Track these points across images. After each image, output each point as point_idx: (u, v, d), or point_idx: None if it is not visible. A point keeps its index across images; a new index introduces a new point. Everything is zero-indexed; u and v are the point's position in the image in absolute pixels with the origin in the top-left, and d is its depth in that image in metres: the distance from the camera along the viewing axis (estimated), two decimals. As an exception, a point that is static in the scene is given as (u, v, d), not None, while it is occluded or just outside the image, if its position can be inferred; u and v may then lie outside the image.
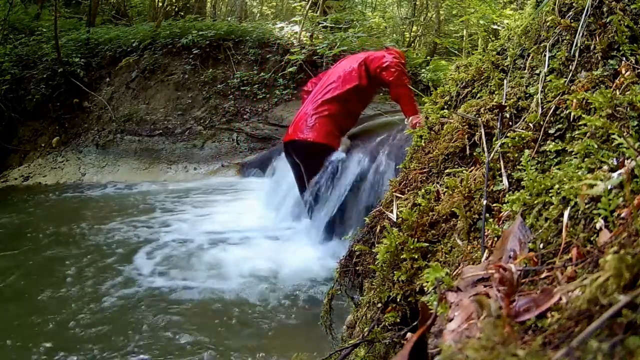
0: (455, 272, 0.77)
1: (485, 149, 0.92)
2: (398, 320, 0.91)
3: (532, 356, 0.37)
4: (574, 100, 0.82)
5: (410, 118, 2.89)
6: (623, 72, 0.82)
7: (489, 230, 0.77)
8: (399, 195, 1.10)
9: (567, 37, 0.95)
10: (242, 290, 2.63)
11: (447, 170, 1.03)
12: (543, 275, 0.55)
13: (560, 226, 0.62)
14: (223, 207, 4.21)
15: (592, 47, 0.90)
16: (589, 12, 0.92)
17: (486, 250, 0.75)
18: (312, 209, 3.18)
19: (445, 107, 1.24)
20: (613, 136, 0.67)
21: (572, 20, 0.96)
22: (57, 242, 3.46)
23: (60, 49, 5.99)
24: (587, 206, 0.59)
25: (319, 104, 3.16)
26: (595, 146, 0.69)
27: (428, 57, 6.53)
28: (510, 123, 0.96)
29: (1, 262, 3.12)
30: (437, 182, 1.02)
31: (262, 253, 3.11)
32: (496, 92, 1.06)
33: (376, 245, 1.02)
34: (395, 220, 1.01)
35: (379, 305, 0.97)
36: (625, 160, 0.63)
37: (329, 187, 3.07)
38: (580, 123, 0.78)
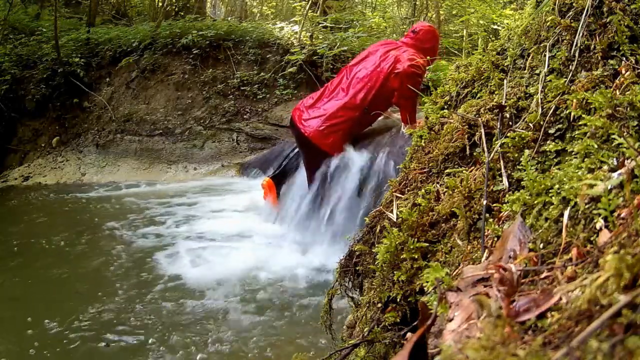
0: (455, 272, 0.77)
1: (485, 149, 0.92)
2: (398, 320, 0.91)
3: (532, 356, 0.37)
4: (574, 100, 0.82)
5: (407, 127, 2.88)
6: (623, 72, 0.82)
7: (489, 230, 0.77)
8: (399, 195, 1.10)
9: (567, 37, 0.95)
10: (241, 292, 2.63)
11: (447, 170, 1.02)
12: (543, 275, 0.55)
13: (560, 226, 0.62)
14: (222, 207, 4.21)
15: (592, 47, 0.90)
16: (589, 12, 0.92)
17: (486, 250, 0.75)
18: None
19: (445, 107, 1.24)
20: (613, 136, 0.67)
21: (572, 20, 0.96)
22: (56, 243, 3.46)
23: (60, 49, 5.99)
24: (587, 206, 0.59)
25: (340, 106, 2.97)
26: (595, 146, 0.69)
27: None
28: (510, 123, 0.96)
29: (1, 264, 3.12)
30: (437, 182, 1.02)
31: (262, 254, 3.11)
32: (496, 92, 1.06)
33: (376, 245, 1.02)
34: (395, 220, 1.01)
35: (379, 305, 0.97)
36: (625, 160, 0.63)
37: (330, 187, 3.07)
38: (580, 123, 0.78)
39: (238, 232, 3.51)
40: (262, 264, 2.94)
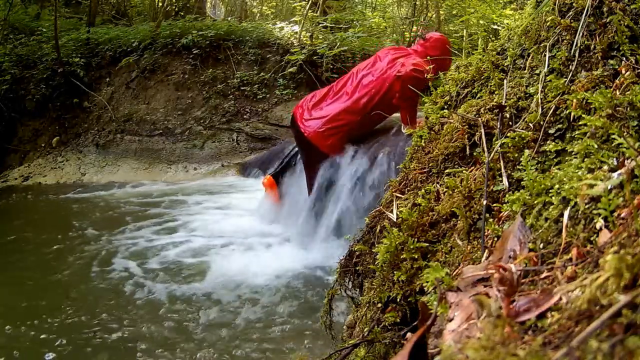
0: (455, 272, 0.77)
1: (485, 149, 0.92)
2: (398, 320, 0.91)
3: (532, 356, 0.37)
4: (574, 100, 0.82)
5: (407, 127, 2.89)
6: (623, 72, 0.82)
7: (489, 230, 0.77)
8: (399, 195, 1.10)
9: (567, 37, 0.95)
10: (241, 292, 2.63)
11: (447, 170, 1.02)
12: (543, 275, 0.55)
13: (560, 226, 0.62)
14: (222, 207, 4.21)
15: (592, 47, 0.90)
16: (589, 12, 0.92)
17: (486, 250, 0.75)
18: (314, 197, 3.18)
19: (445, 107, 1.24)
20: (613, 136, 0.67)
21: (572, 20, 0.96)
22: (55, 244, 3.46)
23: (60, 49, 5.99)
24: (587, 206, 0.59)
25: (342, 109, 2.98)
26: (595, 146, 0.69)
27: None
28: (510, 123, 0.96)
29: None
30: (437, 182, 1.02)
31: (261, 255, 3.11)
32: (496, 92, 1.06)
33: (376, 245, 1.02)
34: (395, 220, 1.01)
35: (379, 305, 0.97)
36: (625, 160, 0.63)
37: (329, 188, 3.07)
38: (580, 123, 0.78)
39: (236, 232, 3.51)
40: (260, 264, 2.94)
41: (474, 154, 0.99)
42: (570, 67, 0.91)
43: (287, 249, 3.16)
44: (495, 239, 0.75)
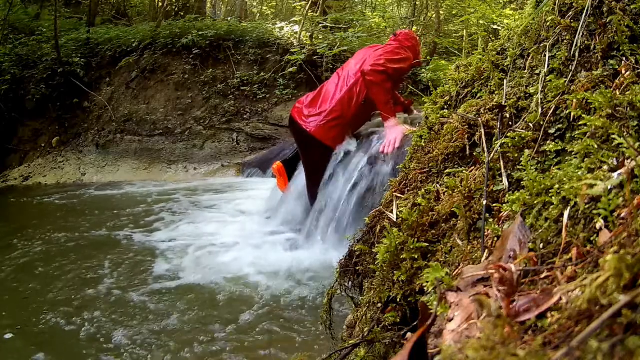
0: (455, 272, 0.77)
1: (485, 149, 0.92)
2: (398, 320, 0.91)
3: (532, 356, 0.37)
4: (574, 100, 0.82)
5: (386, 121, 2.92)
6: (623, 72, 0.82)
7: (489, 230, 0.77)
8: (399, 195, 1.10)
9: (567, 37, 0.95)
10: (241, 293, 2.63)
11: (447, 170, 1.02)
12: (543, 275, 0.55)
13: (560, 226, 0.62)
14: (222, 207, 4.21)
15: (592, 47, 0.90)
16: (589, 12, 0.92)
17: (486, 250, 0.75)
18: (314, 200, 3.19)
19: (445, 107, 1.24)
20: (613, 136, 0.67)
21: (572, 20, 0.96)
22: (55, 245, 3.46)
23: (60, 49, 6.00)
24: (587, 206, 0.59)
25: (338, 101, 3.08)
26: (595, 146, 0.69)
27: (428, 57, 6.54)
28: (510, 123, 0.96)
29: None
30: (437, 182, 1.02)
31: (261, 254, 3.10)
32: (496, 92, 1.06)
33: (376, 245, 1.02)
34: (395, 220, 1.01)
35: (379, 305, 0.97)
36: (625, 160, 0.63)
37: (329, 185, 3.08)
38: (580, 123, 0.78)
39: (235, 232, 3.50)
40: (258, 263, 2.94)
41: (474, 154, 0.99)
42: (570, 67, 0.91)
43: (288, 248, 3.16)
44: (495, 239, 0.75)
